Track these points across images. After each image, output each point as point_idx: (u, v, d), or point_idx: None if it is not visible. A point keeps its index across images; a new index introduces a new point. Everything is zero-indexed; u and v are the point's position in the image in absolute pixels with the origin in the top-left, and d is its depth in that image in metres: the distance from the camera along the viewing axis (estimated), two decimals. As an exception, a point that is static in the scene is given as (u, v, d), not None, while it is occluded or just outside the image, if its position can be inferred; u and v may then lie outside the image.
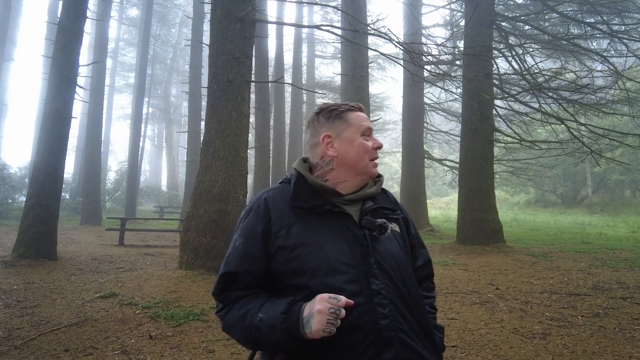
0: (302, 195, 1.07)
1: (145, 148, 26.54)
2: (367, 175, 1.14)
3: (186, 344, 3.18)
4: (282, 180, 1.19)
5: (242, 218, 1.12)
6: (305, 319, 0.91)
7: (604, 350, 3.09)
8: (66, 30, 6.55)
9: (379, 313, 0.96)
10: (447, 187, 23.17)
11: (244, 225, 1.09)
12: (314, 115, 1.18)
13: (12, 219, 12.57)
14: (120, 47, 30.22)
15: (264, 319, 0.95)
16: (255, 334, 0.96)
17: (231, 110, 5.64)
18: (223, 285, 1.05)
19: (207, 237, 5.35)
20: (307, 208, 1.06)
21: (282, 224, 1.05)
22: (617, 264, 6.60)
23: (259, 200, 1.11)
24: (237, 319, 1.00)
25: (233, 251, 1.07)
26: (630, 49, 8.68)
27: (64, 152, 6.68)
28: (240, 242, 1.07)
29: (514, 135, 9.74)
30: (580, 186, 22.04)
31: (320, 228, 1.04)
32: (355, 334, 0.94)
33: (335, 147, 1.12)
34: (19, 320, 3.59)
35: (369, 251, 1.03)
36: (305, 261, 1.00)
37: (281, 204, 1.08)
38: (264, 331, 0.95)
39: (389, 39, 5.65)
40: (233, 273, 1.04)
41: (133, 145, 17.50)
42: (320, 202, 1.06)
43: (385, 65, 21.96)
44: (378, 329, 0.95)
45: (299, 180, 1.11)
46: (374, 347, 0.94)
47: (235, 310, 1.02)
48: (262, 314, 0.96)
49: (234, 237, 1.11)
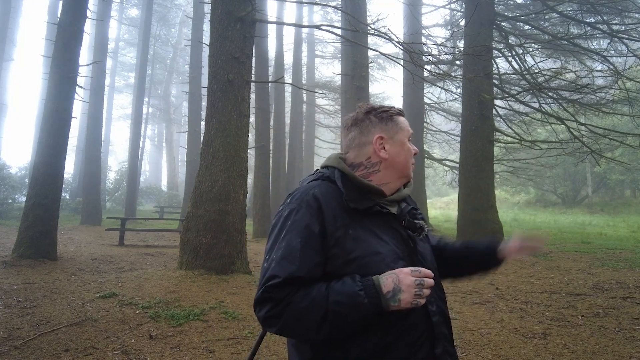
0: (355, 196, 1.04)
1: (145, 148, 26.54)
2: (407, 179, 1.16)
3: (186, 344, 3.18)
4: (317, 176, 1.13)
5: (289, 214, 1.02)
6: (390, 294, 0.92)
7: (604, 350, 3.09)
8: (66, 30, 6.55)
9: (430, 311, 1.03)
10: (447, 187, 23.15)
11: (297, 222, 1.00)
12: (362, 114, 1.14)
13: (12, 219, 12.57)
14: (120, 47, 30.21)
15: (341, 301, 0.92)
16: (333, 319, 0.92)
17: (231, 110, 5.64)
18: (282, 291, 0.95)
19: (207, 237, 5.35)
20: (361, 210, 1.03)
21: (337, 225, 1.01)
22: (617, 263, 6.60)
23: (308, 196, 1.03)
24: (301, 313, 0.93)
25: (291, 253, 0.97)
26: (630, 49, 8.67)
27: (64, 152, 6.68)
28: (298, 241, 0.98)
29: (514, 135, 9.74)
30: (580, 186, 22.03)
31: (374, 230, 1.03)
32: (414, 331, 0.99)
33: (387, 149, 1.11)
34: (19, 320, 3.59)
35: (415, 251, 1.07)
36: (364, 266, 0.98)
37: (332, 203, 1.03)
38: (343, 313, 0.92)
39: (389, 38, 5.65)
40: (298, 278, 0.95)
41: (133, 145, 17.50)
42: (371, 203, 1.05)
43: (385, 65, 21.95)
44: (431, 325, 1.02)
45: (346, 180, 1.07)
46: (429, 343, 1.01)
47: (296, 303, 0.94)
48: (334, 298, 0.92)
49: (286, 236, 1.00)
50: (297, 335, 1.00)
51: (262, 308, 0.96)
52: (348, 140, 1.16)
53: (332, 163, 1.13)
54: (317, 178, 1.12)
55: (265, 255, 1.03)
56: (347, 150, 1.16)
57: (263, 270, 1.00)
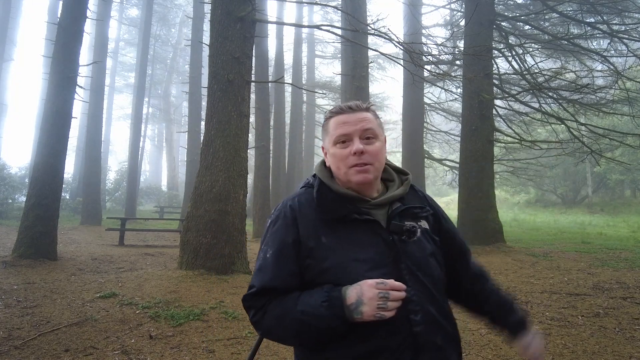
0: (327, 205, 1.03)
1: (145, 148, 26.56)
2: (353, 184, 1.04)
3: (186, 344, 3.18)
4: (305, 183, 1.14)
5: (269, 227, 1.08)
6: (353, 306, 0.92)
7: (604, 350, 3.09)
8: (66, 30, 6.55)
9: (412, 320, 0.98)
10: (447, 187, 23.15)
11: (272, 235, 1.05)
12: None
13: (12, 219, 12.57)
14: (120, 47, 30.22)
15: (305, 311, 0.95)
16: (301, 328, 0.96)
17: (231, 110, 5.64)
18: (258, 300, 1.02)
19: (207, 237, 5.35)
20: (337, 218, 1.02)
21: (310, 235, 1.01)
22: (617, 263, 6.60)
23: (285, 208, 1.07)
24: (275, 320, 0.99)
25: (265, 264, 1.03)
26: (630, 49, 8.67)
27: (64, 152, 6.68)
28: (271, 253, 1.03)
29: (514, 135, 9.74)
30: (580, 186, 22.03)
31: (350, 237, 1.00)
32: (394, 339, 0.96)
33: (328, 158, 1.11)
34: (19, 320, 3.59)
35: (400, 257, 1.01)
36: (338, 275, 0.98)
37: (308, 212, 1.04)
38: (308, 323, 0.94)
39: (389, 38, 5.66)
40: (271, 288, 1.00)
41: (133, 145, 17.50)
42: (346, 211, 1.02)
43: (385, 65, 21.96)
44: (413, 335, 0.97)
45: (321, 188, 1.06)
46: (410, 352, 0.97)
47: (270, 311, 0.99)
48: (301, 307, 0.96)
49: (263, 248, 1.06)
50: (280, 340, 1.05)
51: (249, 314, 1.05)
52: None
53: (315, 170, 1.13)
54: (304, 186, 1.13)
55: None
56: None
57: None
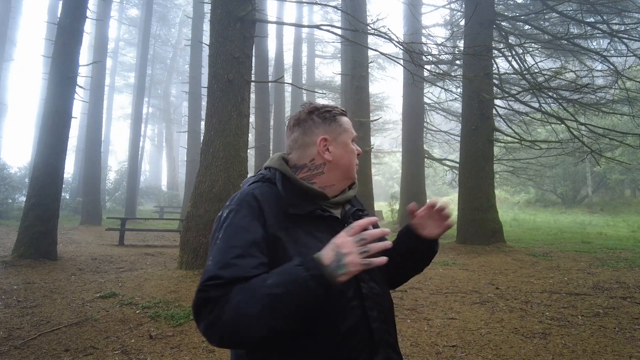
0: (294, 200, 1.00)
1: (145, 148, 26.58)
2: (352, 180, 1.13)
3: (186, 344, 3.18)
4: (258, 178, 1.08)
5: (230, 215, 0.97)
6: (334, 263, 0.83)
7: (604, 350, 3.09)
8: (66, 30, 6.55)
9: (370, 316, 0.96)
10: (447, 187, 23.16)
11: (238, 223, 0.94)
12: (305, 114, 1.10)
13: (12, 219, 12.57)
14: (120, 47, 30.24)
15: (278, 281, 0.82)
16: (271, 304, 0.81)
17: (231, 110, 5.64)
18: (219, 291, 0.85)
19: (207, 237, 5.35)
20: (302, 214, 0.99)
21: (277, 227, 0.96)
22: (617, 263, 6.60)
23: (248, 197, 0.99)
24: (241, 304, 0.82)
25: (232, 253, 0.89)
26: (630, 49, 8.67)
27: (64, 152, 6.68)
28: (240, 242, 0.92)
29: (514, 135, 9.74)
30: (580, 186, 22.03)
31: (314, 233, 0.99)
32: (352, 339, 0.93)
33: (331, 150, 1.07)
34: (19, 320, 3.59)
35: None
36: None
37: (272, 205, 0.99)
38: (282, 295, 0.81)
39: (389, 38, 5.65)
40: (242, 279, 0.86)
41: (133, 145, 17.51)
42: (312, 207, 1.01)
43: (385, 64, 21.98)
44: (370, 332, 0.95)
45: (286, 183, 1.03)
46: (366, 352, 0.94)
47: (234, 298, 0.83)
48: (272, 280, 0.83)
49: (223, 237, 0.93)
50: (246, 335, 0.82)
51: (202, 313, 0.85)
52: (291, 141, 1.12)
53: (273, 164, 1.08)
54: (258, 180, 1.07)
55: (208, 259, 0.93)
56: (290, 151, 1.12)
57: (204, 273, 0.89)
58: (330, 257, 0.84)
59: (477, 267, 6.42)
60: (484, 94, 8.35)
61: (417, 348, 3.17)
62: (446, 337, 3.40)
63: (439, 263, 6.72)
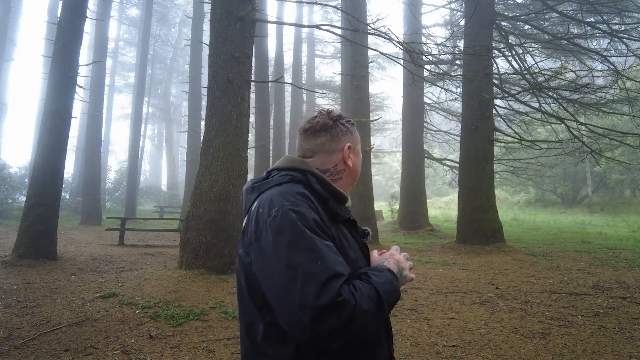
0: (335, 202, 1.04)
1: (145, 148, 26.58)
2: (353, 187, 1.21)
3: (186, 344, 3.18)
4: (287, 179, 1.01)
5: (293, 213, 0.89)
6: (398, 274, 0.98)
7: (604, 350, 3.09)
8: (66, 30, 6.55)
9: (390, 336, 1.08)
10: (447, 187, 23.18)
11: (304, 220, 0.89)
12: (331, 121, 1.11)
13: (12, 219, 12.57)
14: (120, 47, 30.24)
15: (387, 290, 0.91)
16: (385, 308, 0.88)
17: (231, 110, 5.64)
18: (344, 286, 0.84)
19: (207, 236, 5.36)
20: (345, 219, 1.04)
21: (327, 224, 0.97)
22: (617, 263, 6.60)
23: (300, 195, 0.95)
24: (373, 292, 0.86)
25: (327, 251, 0.86)
26: (630, 49, 8.68)
27: (64, 152, 6.68)
28: (325, 240, 0.89)
29: (514, 135, 9.74)
30: (580, 186, 22.04)
31: (345, 235, 1.03)
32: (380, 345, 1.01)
33: (351, 158, 1.14)
34: (19, 320, 3.59)
35: (369, 259, 1.09)
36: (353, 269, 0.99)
37: (316, 204, 0.97)
38: (391, 301, 0.93)
39: (388, 38, 5.66)
40: (344, 275, 0.86)
41: (133, 145, 17.50)
42: (344, 210, 1.07)
43: (385, 64, 21.98)
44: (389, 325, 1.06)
45: (326, 187, 1.03)
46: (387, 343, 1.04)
47: (359, 289, 0.84)
48: (382, 287, 0.89)
49: (308, 236, 0.87)
50: (366, 338, 0.85)
51: (338, 309, 0.79)
52: (315, 145, 1.10)
53: (301, 166, 1.06)
54: (288, 181, 1.01)
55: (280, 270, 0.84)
56: (311, 154, 1.11)
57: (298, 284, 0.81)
58: (395, 269, 0.98)
59: (477, 267, 6.42)
60: (484, 94, 8.35)
61: (417, 348, 3.17)
62: (446, 337, 3.40)
63: (439, 263, 6.72)
